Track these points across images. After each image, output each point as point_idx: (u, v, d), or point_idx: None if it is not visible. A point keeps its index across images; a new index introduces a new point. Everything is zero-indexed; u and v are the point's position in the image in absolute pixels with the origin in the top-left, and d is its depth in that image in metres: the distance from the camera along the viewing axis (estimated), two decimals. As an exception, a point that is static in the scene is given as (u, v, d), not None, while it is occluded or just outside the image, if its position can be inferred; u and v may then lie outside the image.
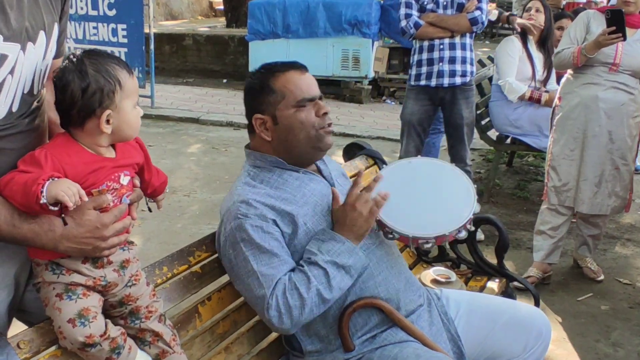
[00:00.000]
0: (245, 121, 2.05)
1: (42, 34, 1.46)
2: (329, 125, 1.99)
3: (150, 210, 1.75)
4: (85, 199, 1.38)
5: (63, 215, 1.40)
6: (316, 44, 9.09)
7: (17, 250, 1.50)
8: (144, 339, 1.60)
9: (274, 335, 2.12)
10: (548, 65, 4.92)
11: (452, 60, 4.25)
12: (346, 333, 1.89)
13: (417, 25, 4.21)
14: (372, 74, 9.18)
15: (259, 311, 1.82)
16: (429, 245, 1.96)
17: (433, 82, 4.30)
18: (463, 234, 1.99)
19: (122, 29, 8.05)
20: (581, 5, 8.22)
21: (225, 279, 2.02)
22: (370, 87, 9.39)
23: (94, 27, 8.14)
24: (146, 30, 8.18)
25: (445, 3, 4.23)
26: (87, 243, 1.43)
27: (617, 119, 3.61)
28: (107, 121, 1.45)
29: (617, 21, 3.33)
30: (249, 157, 2.04)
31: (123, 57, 7.91)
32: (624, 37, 3.36)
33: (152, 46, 8.40)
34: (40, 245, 1.42)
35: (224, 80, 10.84)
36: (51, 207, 1.33)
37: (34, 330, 1.49)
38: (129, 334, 1.59)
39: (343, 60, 9.11)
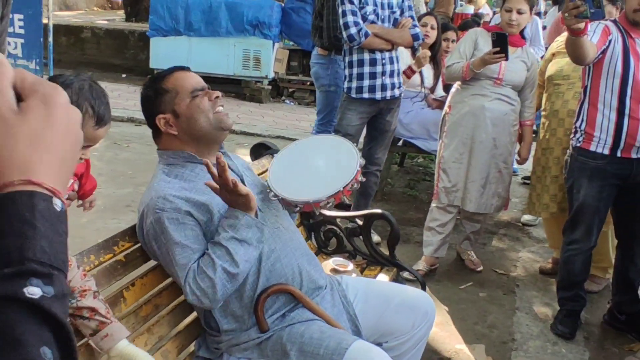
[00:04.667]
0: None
1: None
2: (222, 106, 2.23)
3: None
4: None
5: None
6: (218, 43, 9.18)
7: None
8: (82, 315, 1.77)
9: (191, 317, 2.32)
10: (437, 76, 5.36)
11: (391, 74, 4.32)
12: (261, 316, 2.12)
13: (366, 35, 4.16)
14: (272, 75, 9.38)
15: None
16: (329, 205, 2.20)
17: (378, 95, 4.30)
18: (357, 186, 2.26)
19: (19, 19, 7.77)
20: (470, 17, 8.81)
21: (147, 266, 2.21)
22: (270, 87, 9.58)
23: (-12, 17, 7.87)
24: (44, 21, 8.00)
25: (383, 17, 4.28)
26: None
27: (500, 127, 4.04)
28: None
29: (501, 43, 3.77)
30: (162, 157, 2.23)
31: (20, 49, 7.72)
32: (507, 57, 3.80)
33: (50, 38, 8.20)
34: None
35: (123, 75, 10.72)
36: None
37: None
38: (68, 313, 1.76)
39: (244, 60, 9.25)
